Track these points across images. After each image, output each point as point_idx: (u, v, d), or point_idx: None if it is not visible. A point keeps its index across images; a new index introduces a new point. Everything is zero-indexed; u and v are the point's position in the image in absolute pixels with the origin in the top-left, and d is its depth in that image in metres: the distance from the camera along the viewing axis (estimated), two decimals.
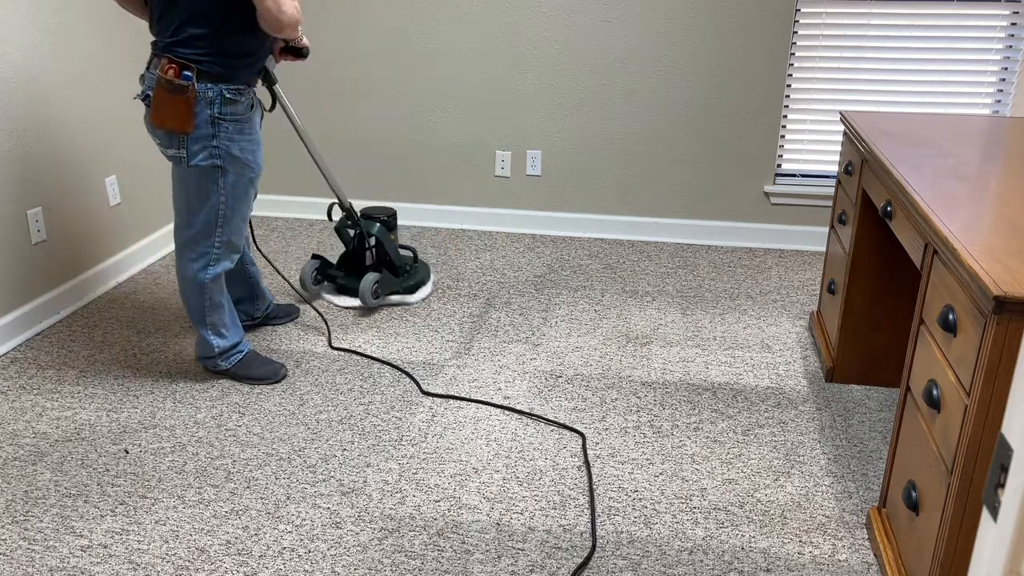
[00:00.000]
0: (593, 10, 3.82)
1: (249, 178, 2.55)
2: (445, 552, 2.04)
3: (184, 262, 2.61)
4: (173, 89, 2.35)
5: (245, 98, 2.48)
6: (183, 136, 2.42)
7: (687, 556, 2.04)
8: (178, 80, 2.35)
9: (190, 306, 2.66)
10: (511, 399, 2.70)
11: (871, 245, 2.65)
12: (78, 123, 3.25)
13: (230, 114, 2.44)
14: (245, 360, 2.75)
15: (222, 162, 2.47)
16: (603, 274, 3.70)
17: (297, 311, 3.22)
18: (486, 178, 4.16)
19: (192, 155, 2.44)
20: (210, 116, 2.41)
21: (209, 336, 2.69)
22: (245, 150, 2.50)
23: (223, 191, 2.51)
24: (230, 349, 2.73)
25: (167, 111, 2.37)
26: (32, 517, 2.15)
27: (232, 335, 2.73)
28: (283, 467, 2.35)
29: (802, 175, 3.98)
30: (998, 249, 1.65)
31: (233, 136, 2.47)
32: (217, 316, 2.68)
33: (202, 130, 2.41)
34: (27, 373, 2.82)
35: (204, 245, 2.58)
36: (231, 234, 2.60)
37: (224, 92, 2.41)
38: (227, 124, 2.44)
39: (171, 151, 2.47)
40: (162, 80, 2.36)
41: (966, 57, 3.71)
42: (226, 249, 2.62)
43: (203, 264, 2.60)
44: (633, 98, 3.93)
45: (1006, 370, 1.53)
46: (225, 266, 2.64)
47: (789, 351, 3.04)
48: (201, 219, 2.54)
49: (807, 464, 2.40)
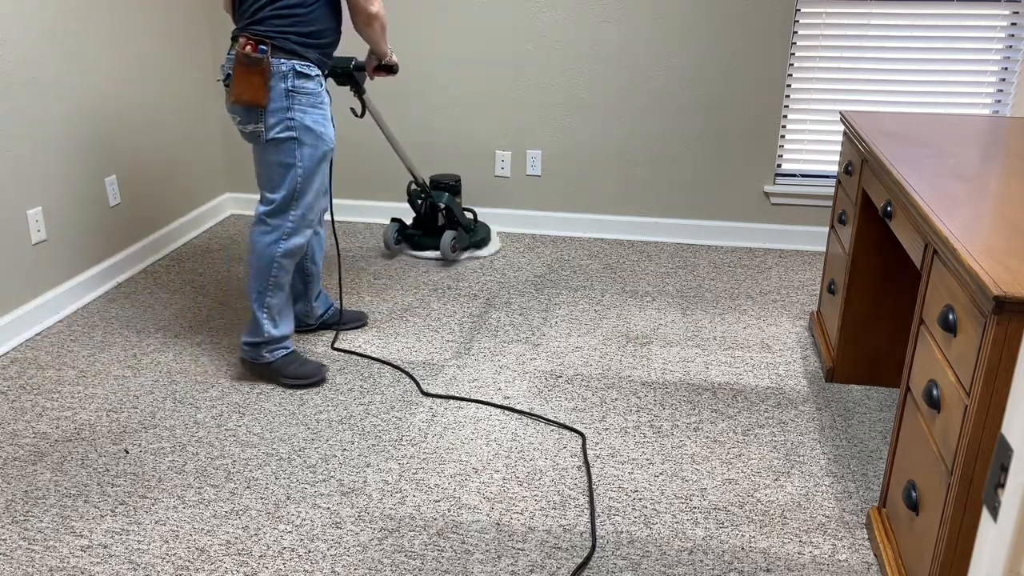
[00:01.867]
0: (594, 10, 3.82)
1: (323, 151, 2.61)
2: (445, 552, 2.04)
3: (257, 235, 2.66)
4: (249, 62, 2.46)
5: (316, 75, 2.57)
6: (260, 110, 2.52)
7: (687, 556, 2.04)
8: (254, 54, 2.46)
9: (254, 282, 2.68)
10: (511, 399, 2.70)
11: (871, 245, 2.65)
12: (78, 123, 3.25)
13: (303, 88, 2.53)
14: (289, 357, 2.75)
15: (297, 133, 2.55)
16: (603, 274, 3.70)
17: (365, 318, 3.19)
18: (486, 178, 4.16)
19: (269, 128, 2.53)
20: (284, 89, 2.50)
21: (263, 319, 2.69)
22: (318, 122, 2.58)
23: (300, 163, 2.58)
24: (279, 340, 2.72)
25: (244, 85, 2.48)
26: (32, 517, 2.15)
27: (283, 327, 2.73)
28: (283, 467, 2.35)
29: (802, 175, 3.98)
30: (998, 249, 1.65)
31: (307, 108, 2.55)
32: (276, 299, 2.69)
33: (277, 103, 2.51)
34: (27, 373, 2.82)
35: (279, 218, 2.63)
36: (305, 208, 2.64)
37: (296, 67, 2.51)
38: (300, 97, 2.53)
39: (250, 127, 2.56)
40: (239, 56, 2.47)
41: (966, 57, 3.71)
42: (300, 224, 2.65)
43: (275, 237, 2.64)
44: (633, 98, 3.93)
45: (1006, 370, 1.53)
46: (297, 242, 2.66)
47: (789, 351, 3.04)
48: (279, 194, 2.61)
49: (807, 464, 2.40)
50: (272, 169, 2.60)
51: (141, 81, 3.61)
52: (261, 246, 2.65)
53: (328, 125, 2.63)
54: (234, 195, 4.39)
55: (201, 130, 4.12)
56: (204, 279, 3.59)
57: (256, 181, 2.85)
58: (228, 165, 4.35)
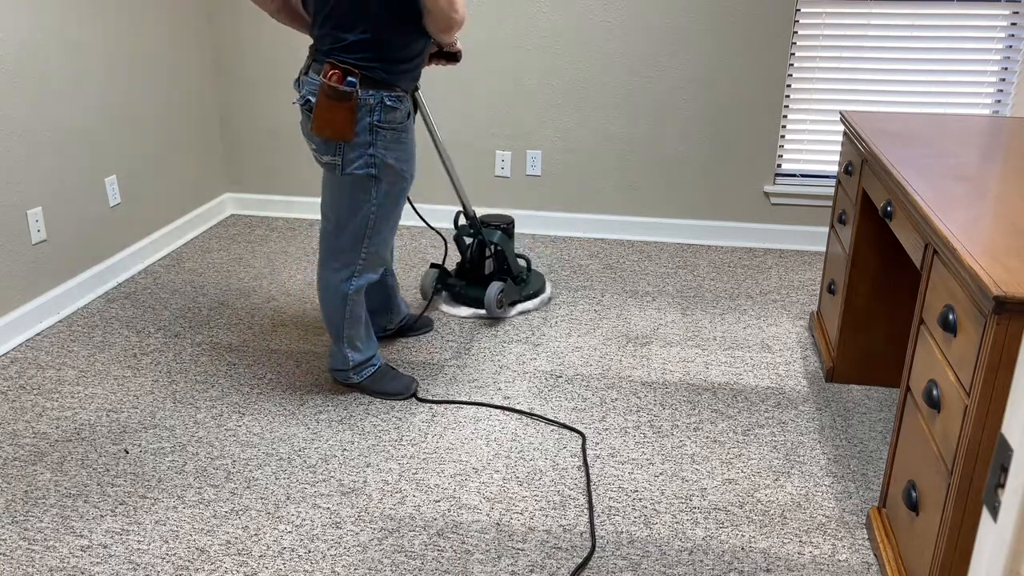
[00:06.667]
0: (593, 10, 3.82)
1: (401, 188, 2.47)
2: (445, 552, 2.04)
3: (328, 271, 2.54)
4: (337, 96, 2.28)
5: (404, 106, 2.41)
6: (341, 143, 2.36)
7: (687, 556, 2.04)
8: (342, 87, 2.28)
9: (329, 317, 2.59)
10: (511, 399, 2.70)
11: (871, 245, 2.65)
12: (78, 123, 3.25)
13: (388, 122, 2.37)
14: (377, 374, 2.68)
15: (377, 171, 2.39)
16: (603, 274, 3.70)
17: (431, 323, 3.15)
18: (486, 178, 4.16)
19: (347, 163, 2.37)
20: (369, 123, 2.34)
21: (345, 349, 2.62)
22: (400, 159, 2.43)
23: (375, 201, 2.43)
24: (364, 363, 2.66)
25: (328, 118, 2.30)
26: (32, 517, 2.15)
27: (367, 349, 2.65)
28: (283, 467, 2.35)
29: (802, 175, 3.98)
30: (998, 249, 1.65)
31: (390, 145, 2.39)
32: (355, 330, 2.60)
33: (361, 138, 2.35)
34: (27, 373, 2.82)
35: (350, 255, 2.50)
36: (378, 246, 2.52)
37: (385, 99, 2.34)
38: (385, 132, 2.37)
39: (326, 158, 2.40)
40: (325, 87, 2.28)
41: (966, 57, 3.71)
42: (371, 261, 2.54)
43: (347, 275, 2.52)
44: (633, 98, 3.93)
45: (1006, 370, 1.53)
46: (369, 278, 2.55)
47: (789, 351, 3.04)
48: (350, 229, 2.47)
49: (807, 464, 2.40)
50: (343, 204, 2.44)
51: (141, 81, 3.62)
52: (332, 284, 2.53)
53: (410, 160, 2.47)
54: (234, 195, 4.40)
55: (201, 130, 4.12)
56: (204, 279, 3.59)
57: (320, 205, 2.63)
58: (228, 165, 4.35)
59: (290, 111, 4.19)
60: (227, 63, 4.16)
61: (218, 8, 4.07)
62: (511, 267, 3.26)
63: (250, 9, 4.04)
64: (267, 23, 4.05)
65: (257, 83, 4.17)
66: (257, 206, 4.39)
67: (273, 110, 4.20)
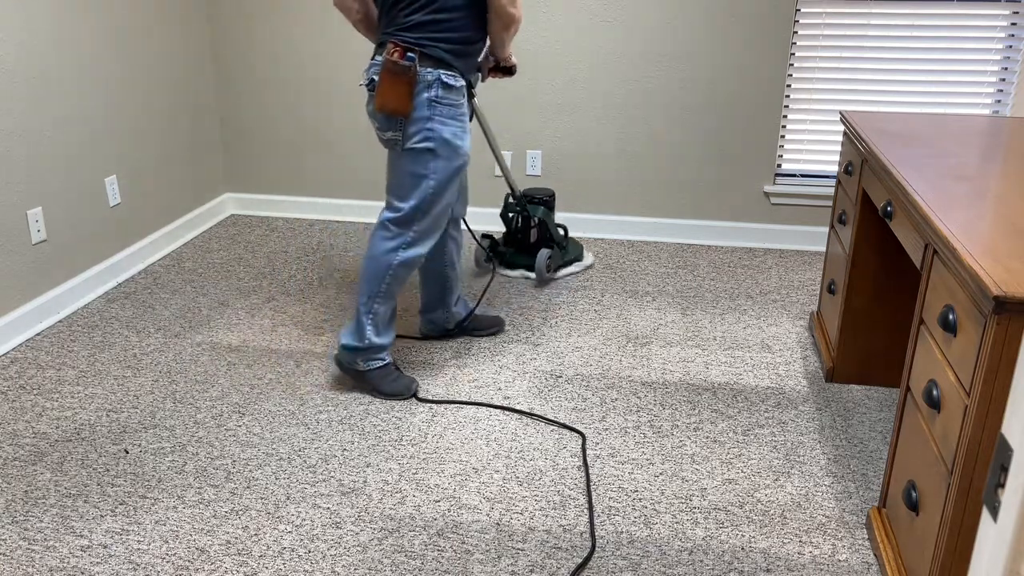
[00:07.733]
0: (593, 10, 3.82)
1: (456, 165, 2.57)
2: (445, 552, 2.04)
3: (378, 239, 2.62)
4: (396, 70, 2.43)
5: (461, 86, 2.53)
6: (401, 119, 2.48)
7: (687, 556, 2.04)
8: (402, 61, 2.43)
9: (366, 285, 2.63)
10: (511, 399, 2.70)
11: (871, 245, 2.65)
12: (78, 123, 3.25)
13: (446, 99, 2.49)
14: (383, 371, 2.68)
15: (435, 145, 2.51)
16: (603, 274, 3.70)
17: (502, 324, 3.15)
18: (486, 178, 4.16)
19: (407, 137, 2.50)
20: (428, 99, 2.47)
21: (367, 325, 2.64)
22: (456, 135, 2.54)
23: (432, 175, 2.54)
24: (378, 349, 2.66)
25: (389, 93, 2.44)
26: (32, 517, 2.15)
27: (385, 336, 2.67)
28: (283, 467, 2.35)
29: (802, 175, 3.98)
30: (998, 249, 1.65)
31: (447, 120, 2.51)
32: (385, 306, 2.64)
33: (419, 112, 2.47)
34: (27, 373, 2.82)
35: (403, 227, 2.59)
36: (432, 221, 2.60)
37: (442, 77, 2.47)
38: (442, 108, 2.49)
39: (388, 134, 2.52)
40: (387, 62, 2.43)
41: (966, 57, 3.71)
42: (423, 236, 2.61)
43: (396, 245, 2.60)
44: (633, 98, 3.93)
45: (1006, 370, 1.53)
46: (417, 252, 2.62)
47: (789, 351, 3.04)
48: (407, 203, 2.56)
49: (807, 464, 2.40)
50: (404, 178, 2.55)
51: (141, 81, 3.62)
52: (380, 251, 2.60)
53: (466, 138, 2.58)
54: (234, 195, 4.40)
55: (201, 130, 4.12)
56: (204, 279, 3.59)
57: (385, 187, 2.72)
58: (228, 165, 4.35)
59: (290, 111, 4.19)
60: (227, 63, 4.16)
61: (218, 8, 4.07)
62: (552, 235, 3.63)
63: (250, 9, 4.04)
64: (267, 23, 4.05)
65: (257, 83, 4.17)
66: (257, 206, 4.39)
67: (273, 110, 4.20)
